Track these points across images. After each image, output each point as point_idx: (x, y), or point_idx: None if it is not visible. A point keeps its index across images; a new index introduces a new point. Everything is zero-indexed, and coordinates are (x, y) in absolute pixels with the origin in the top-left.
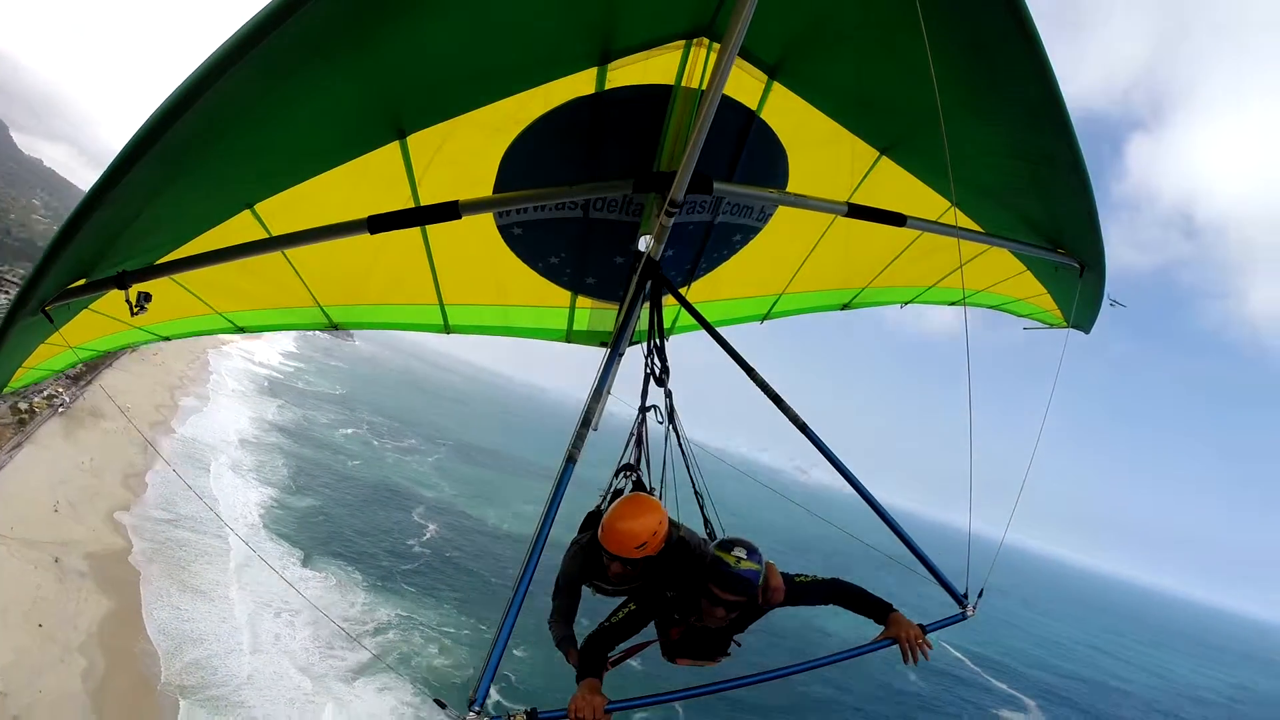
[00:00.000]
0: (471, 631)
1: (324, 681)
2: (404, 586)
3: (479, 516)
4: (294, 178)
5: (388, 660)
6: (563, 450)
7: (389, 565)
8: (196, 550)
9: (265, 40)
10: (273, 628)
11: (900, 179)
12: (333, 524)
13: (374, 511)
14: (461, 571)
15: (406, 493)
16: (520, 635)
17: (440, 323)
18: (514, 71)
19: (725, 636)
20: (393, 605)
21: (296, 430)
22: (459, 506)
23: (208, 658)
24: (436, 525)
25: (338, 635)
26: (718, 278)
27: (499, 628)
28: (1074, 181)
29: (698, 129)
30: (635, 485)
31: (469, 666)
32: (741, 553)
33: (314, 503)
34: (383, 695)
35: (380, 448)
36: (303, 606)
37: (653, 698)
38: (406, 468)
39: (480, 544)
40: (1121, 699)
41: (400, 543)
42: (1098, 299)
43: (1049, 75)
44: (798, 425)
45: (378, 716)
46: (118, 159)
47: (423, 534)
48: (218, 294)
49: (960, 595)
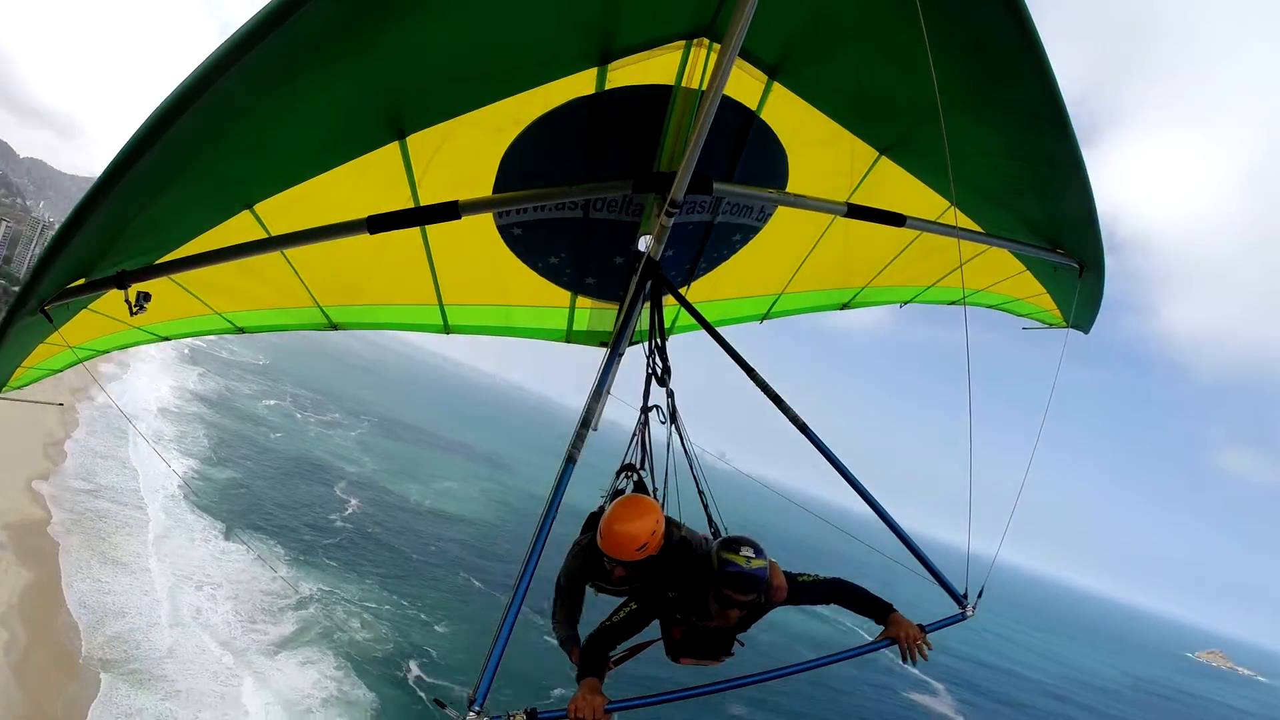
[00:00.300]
0: (393, 607)
1: (246, 656)
2: (326, 561)
3: (401, 493)
4: (294, 178)
5: (313, 632)
6: (487, 429)
7: (311, 539)
8: (117, 521)
9: (265, 40)
10: (194, 600)
11: (900, 179)
12: (254, 497)
13: (296, 485)
14: (383, 547)
15: (328, 467)
16: (445, 608)
17: (440, 323)
18: (514, 72)
19: (728, 636)
20: (315, 579)
21: (218, 400)
22: (381, 482)
23: (129, 631)
24: (358, 500)
25: (260, 609)
26: (717, 277)
27: (498, 628)
28: (1073, 182)
29: (698, 129)
30: (637, 485)
31: (390, 641)
32: (750, 552)
33: (235, 475)
34: (305, 669)
35: (303, 420)
36: (224, 579)
37: (653, 698)
38: (329, 441)
39: (402, 520)
40: (1022, 683)
41: (322, 517)
42: (1097, 299)
43: (1049, 75)
44: (798, 425)
45: (301, 690)
46: (117, 158)
47: (344, 509)
48: (217, 294)
49: (960, 595)
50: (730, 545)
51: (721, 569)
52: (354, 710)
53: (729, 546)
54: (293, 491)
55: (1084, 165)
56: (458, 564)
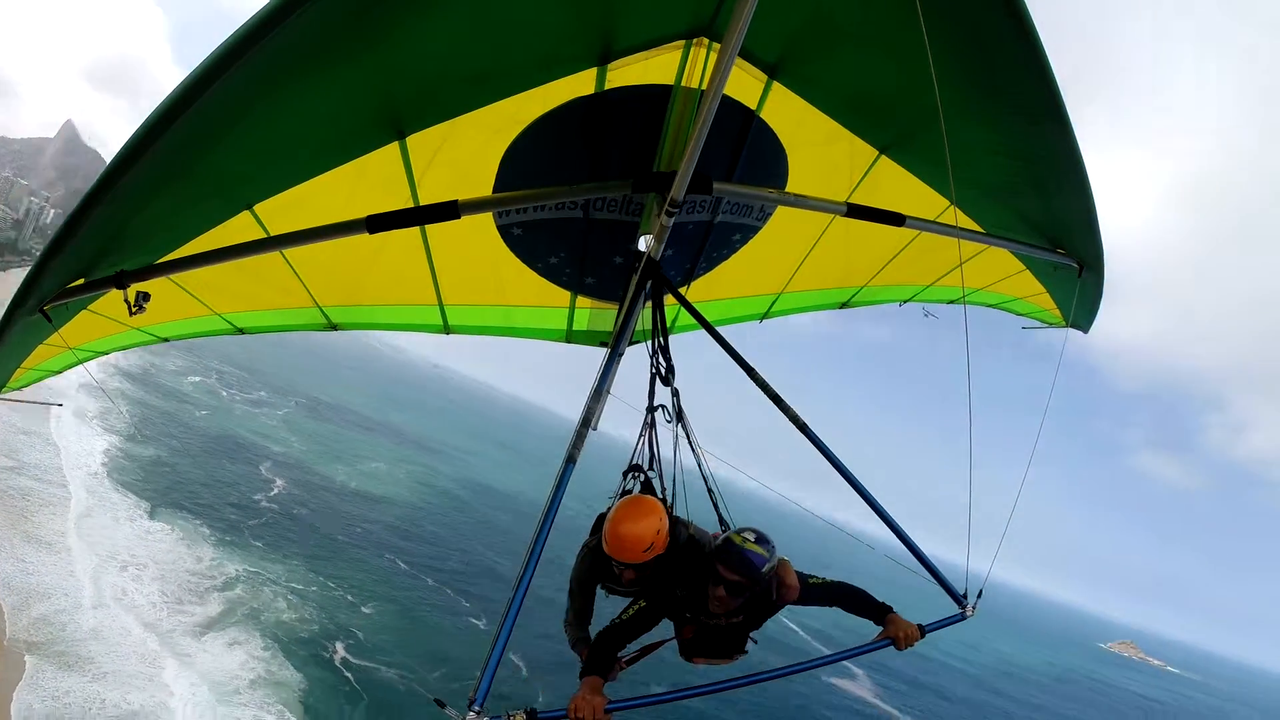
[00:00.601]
0: (319, 588)
1: (172, 637)
2: (251, 541)
3: (327, 474)
4: (293, 178)
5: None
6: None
7: (236, 520)
8: (40, 499)
9: (265, 40)
10: (119, 581)
11: (900, 178)
12: (179, 475)
13: (221, 464)
14: (309, 528)
15: (254, 446)
16: (370, 590)
17: (440, 323)
18: (514, 72)
19: (740, 634)
20: (240, 560)
21: (142, 376)
22: (307, 462)
23: (55, 613)
24: (284, 481)
25: (186, 589)
26: (717, 277)
27: (498, 628)
28: (1073, 181)
29: (698, 129)
30: (644, 486)
31: (316, 622)
32: (750, 535)
33: (159, 453)
34: (233, 650)
35: (229, 399)
36: (150, 559)
37: (653, 697)
38: (255, 420)
39: (328, 501)
40: (942, 670)
41: (247, 497)
42: (1097, 298)
43: (1048, 75)
44: (798, 425)
45: (229, 671)
46: (117, 158)
47: (270, 489)
48: (217, 295)
49: (959, 596)
50: (737, 530)
51: (719, 547)
52: (282, 691)
53: (736, 531)
54: (218, 470)
55: (1083, 165)
56: (383, 546)
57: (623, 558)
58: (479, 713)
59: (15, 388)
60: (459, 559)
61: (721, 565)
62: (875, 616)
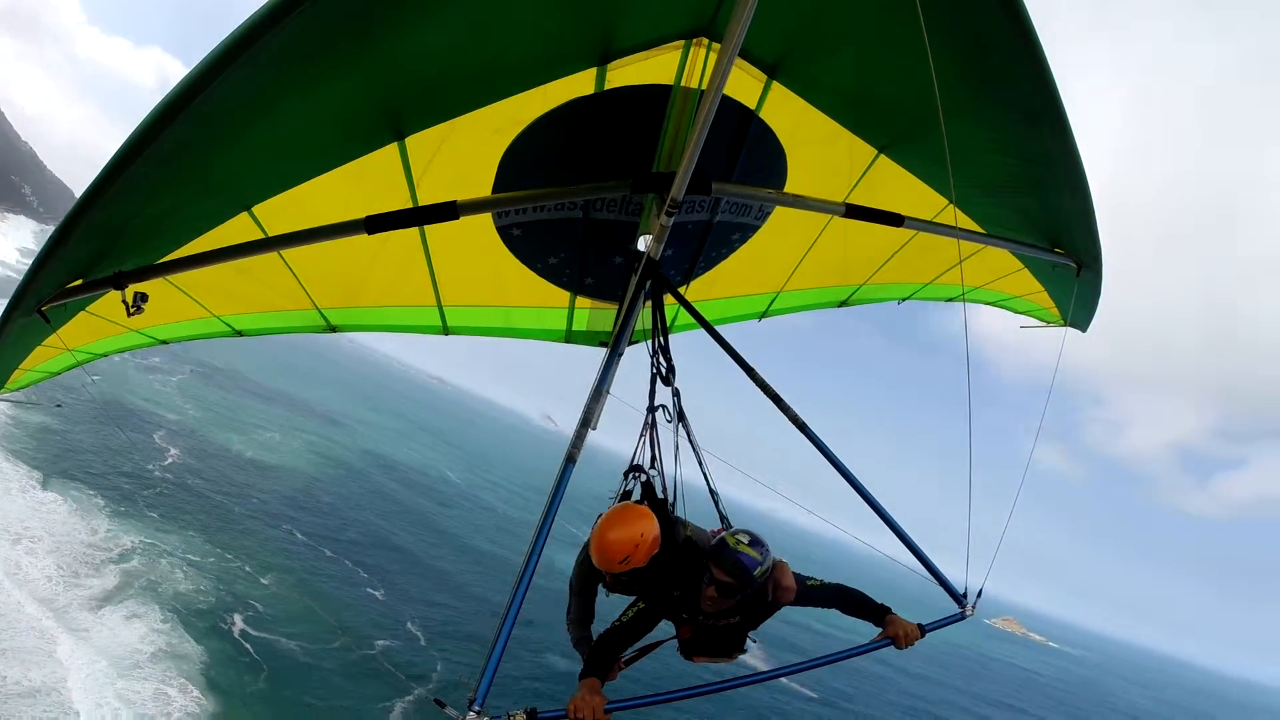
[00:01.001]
0: (216, 559)
1: (70, 612)
2: (147, 512)
3: (222, 443)
4: (292, 179)
5: (137, 585)
6: (312, 383)
7: (130, 490)
8: None
9: (263, 41)
10: (12, 555)
11: (899, 177)
12: (69, 443)
13: (113, 432)
14: (205, 499)
15: (147, 414)
16: (268, 561)
17: (439, 324)
18: (513, 72)
19: (740, 634)
20: (136, 532)
21: None
22: (201, 431)
23: None
24: (179, 450)
25: (82, 562)
26: (716, 276)
27: (498, 627)
28: (1071, 181)
29: (697, 129)
30: (644, 487)
31: (214, 594)
32: (744, 538)
33: (47, 420)
34: (132, 623)
35: (121, 363)
36: (45, 532)
37: (652, 697)
38: (148, 387)
39: (223, 471)
40: (830, 642)
41: (141, 466)
42: (1095, 297)
43: (1047, 76)
44: (797, 425)
45: (128, 645)
46: (115, 159)
47: (164, 458)
48: (215, 297)
49: (960, 595)
50: (732, 532)
51: (713, 548)
52: (183, 663)
53: (731, 533)
54: (110, 438)
55: (1081, 165)
56: (279, 516)
57: (601, 565)
58: (479, 713)
59: (15, 388)
60: (356, 529)
61: (714, 566)
62: (874, 618)
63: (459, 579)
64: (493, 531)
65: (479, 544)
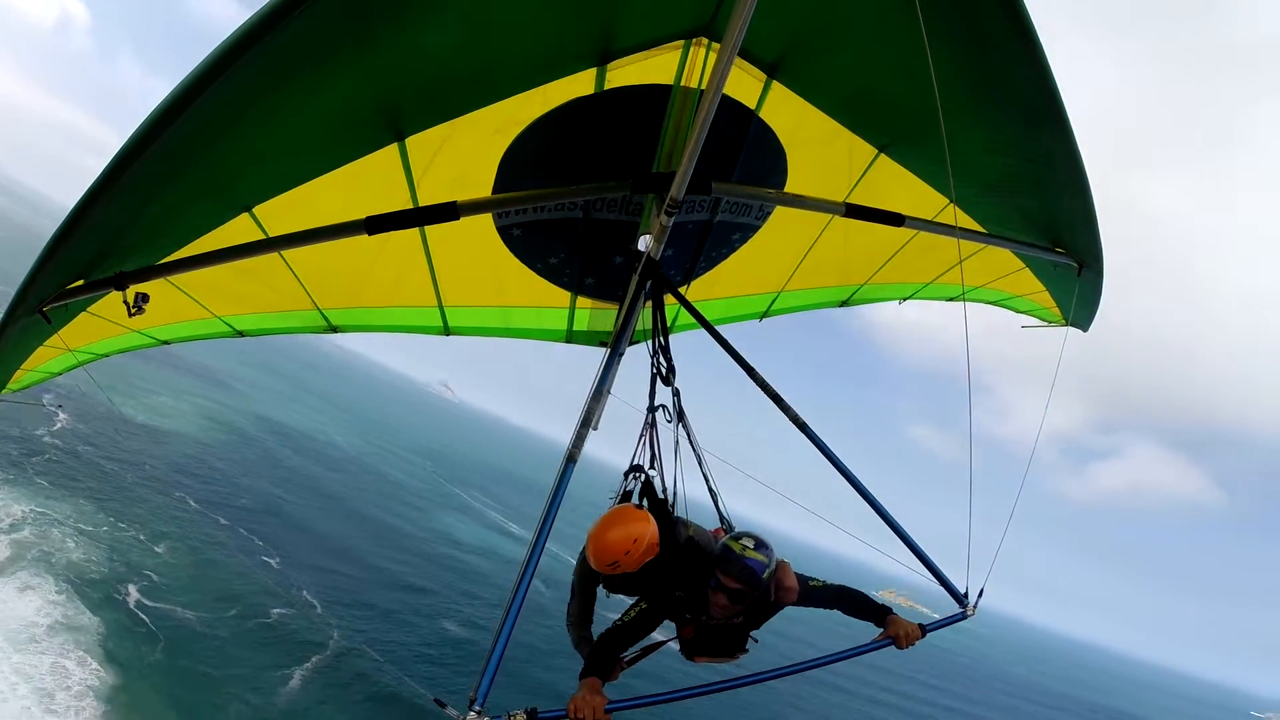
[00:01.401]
0: (109, 528)
1: None
2: (36, 480)
3: (111, 407)
4: (292, 180)
5: (29, 556)
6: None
7: (18, 457)
8: None
9: (263, 41)
10: None
11: (899, 176)
12: None
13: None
14: (96, 466)
15: None
16: (161, 529)
17: (440, 325)
18: (513, 73)
19: (742, 633)
20: (26, 500)
21: None
22: (90, 395)
23: None
24: (68, 415)
25: None
26: (716, 276)
27: (499, 627)
28: (1072, 181)
29: (697, 129)
30: (645, 486)
31: (108, 564)
32: (749, 542)
33: None
34: (26, 595)
35: None
36: None
37: (652, 697)
38: None
39: (113, 437)
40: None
41: (29, 432)
42: (1096, 297)
43: (1047, 75)
44: (797, 424)
45: (24, 618)
46: (115, 159)
47: (53, 423)
48: (216, 298)
49: (960, 595)
50: (735, 536)
51: (719, 555)
52: (80, 635)
53: (733, 537)
54: None
55: (1082, 165)
56: (172, 484)
57: (595, 566)
58: (480, 712)
59: (16, 389)
60: (249, 497)
61: (722, 573)
62: (875, 618)
63: (352, 546)
64: (384, 499)
65: (371, 511)
